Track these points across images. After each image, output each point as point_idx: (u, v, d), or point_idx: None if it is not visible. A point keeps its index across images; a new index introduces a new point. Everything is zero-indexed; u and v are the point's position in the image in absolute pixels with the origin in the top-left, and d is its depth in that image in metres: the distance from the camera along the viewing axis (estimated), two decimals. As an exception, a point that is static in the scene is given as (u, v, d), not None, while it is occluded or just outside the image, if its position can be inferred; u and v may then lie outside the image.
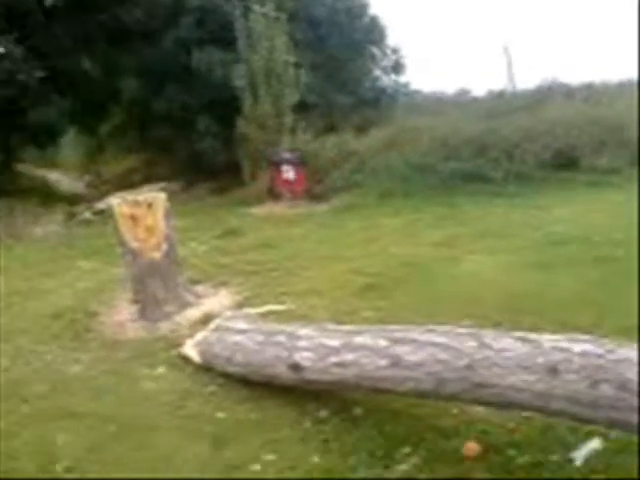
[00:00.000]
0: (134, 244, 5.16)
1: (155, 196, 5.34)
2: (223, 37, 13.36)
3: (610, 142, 11.33)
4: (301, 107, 13.16)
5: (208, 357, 4.15)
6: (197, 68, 13.73)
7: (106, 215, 9.27)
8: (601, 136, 11.42)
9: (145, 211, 5.15)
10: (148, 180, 15.77)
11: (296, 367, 3.44)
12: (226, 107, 13.24)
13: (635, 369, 2.31)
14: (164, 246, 5.22)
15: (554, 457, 2.83)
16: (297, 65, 13.00)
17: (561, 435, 2.95)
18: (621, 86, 17.00)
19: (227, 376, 3.95)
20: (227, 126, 13.40)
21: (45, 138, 18.14)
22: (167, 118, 14.93)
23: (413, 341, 2.98)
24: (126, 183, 16.07)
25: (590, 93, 15.32)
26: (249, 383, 3.81)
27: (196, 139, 14.48)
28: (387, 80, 18.30)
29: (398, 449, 3.00)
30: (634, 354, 2.36)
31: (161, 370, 4.28)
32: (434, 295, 5.30)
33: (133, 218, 5.13)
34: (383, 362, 3.03)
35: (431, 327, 3.09)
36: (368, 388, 3.24)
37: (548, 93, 15.51)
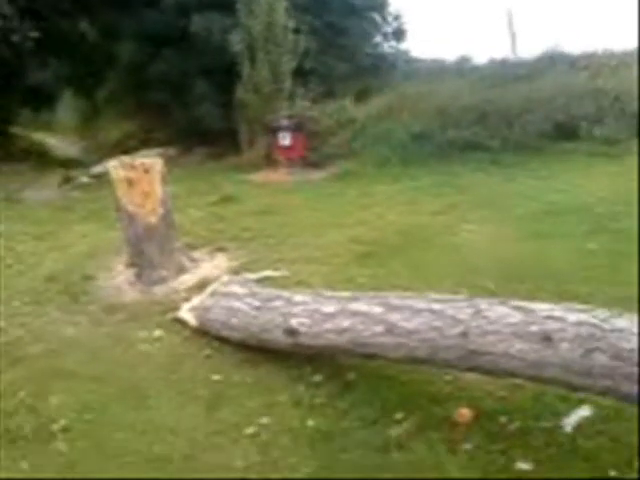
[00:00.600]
0: (130, 208, 5.15)
1: (152, 161, 5.30)
2: (222, 1, 13.15)
3: (610, 113, 11.25)
4: (300, 73, 13.04)
5: (204, 321, 4.17)
6: (196, 33, 13.55)
7: (102, 179, 9.24)
8: (602, 106, 11.34)
9: (141, 175, 5.12)
10: (145, 145, 15.67)
11: (291, 332, 3.45)
12: (224, 73, 13.10)
13: (630, 338, 2.32)
14: (160, 210, 5.21)
15: (545, 424, 2.86)
16: (296, 30, 12.84)
17: (552, 403, 2.98)
18: (625, 55, 16.83)
19: (223, 340, 3.98)
20: (225, 92, 13.27)
21: (41, 101, 17.99)
22: (164, 83, 14.77)
23: (408, 308, 2.99)
24: (123, 148, 15.93)
25: (591, 62, 15.16)
26: (244, 347, 3.83)
27: (193, 105, 14.34)
28: (387, 47, 18.14)
29: (391, 414, 3.03)
30: (628, 324, 2.37)
31: (157, 333, 4.29)
32: (430, 263, 5.31)
33: (129, 182, 5.11)
34: (378, 328, 3.04)
35: (426, 295, 3.10)
36: (362, 354, 3.25)
37: (550, 62, 15.34)
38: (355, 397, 3.23)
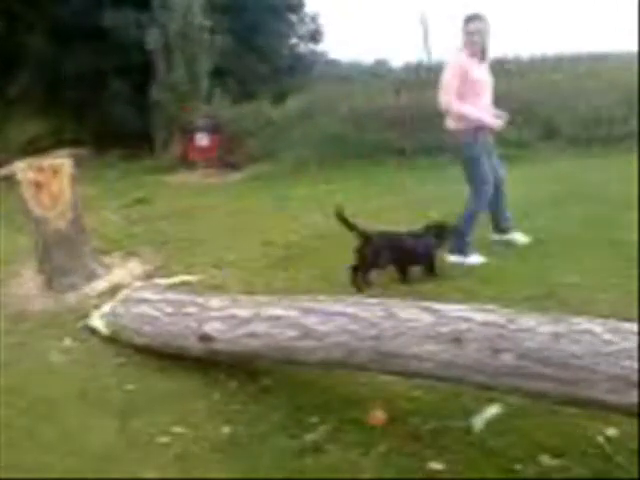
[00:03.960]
0: (38, 212, 4.98)
1: (61, 162, 5.13)
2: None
3: (521, 116, 11.64)
4: (217, 73, 12.92)
5: (116, 328, 4.06)
6: (110, 28, 13.18)
7: (11, 181, 8.87)
8: (512, 110, 11.68)
9: (50, 177, 4.95)
10: (57, 145, 15.14)
11: (206, 338, 3.40)
12: (140, 71, 12.85)
13: (534, 338, 2.39)
14: (70, 214, 5.05)
15: (457, 423, 2.91)
16: (213, 30, 12.72)
17: (464, 402, 3.04)
18: (532, 62, 17.49)
19: (136, 348, 3.88)
20: (141, 91, 13.01)
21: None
22: (78, 81, 14.31)
23: (323, 312, 2.99)
24: (34, 148, 15.36)
25: (502, 67, 15.66)
26: (158, 355, 3.75)
27: (108, 104, 13.99)
28: (305, 48, 18.20)
29: (307, 418, 3.02)
30: (534, 323, 2.44)
31: (68, 342, 4.17)
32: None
33: (37, 185, 4.94)
34: (293, 333, 3.03)
35: (341, 298, 3.11)
36: (278, 359, 3.24)
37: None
38: (271, 402, 3.21)
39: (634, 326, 2.28)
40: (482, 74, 5.31)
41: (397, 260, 4.84)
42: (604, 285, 4.49)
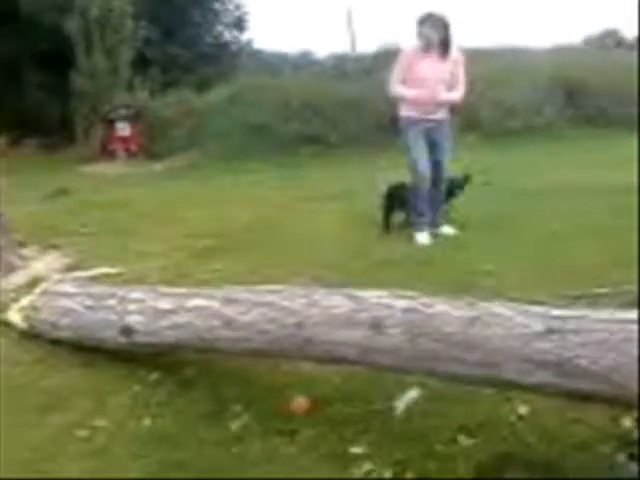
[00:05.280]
0: (-51, 204, 4.79)
1: (-27, 152, 4.96)
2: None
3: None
4: (139, 61, 12.66)
5: (34, 323, 3.94)
6: (26, 12, 12.70)
7: None
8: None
9: (-39, 168, 4.78)
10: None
11: (127, 331, 3.36)
12: (59, 58, 12.45)
13: (451, 322, 2.46)
14: (-16, 206, 4.88)
15: (378, 407, 2.97)
16: (135, 17, 12.45)
17: (385, 387, 3.10)
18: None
19: (55, 342, 3.78)
20: (60, 79, 12.61)
21: None
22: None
23: (245, 301, 3.00)
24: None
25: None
26: (79, 349, 3.66)
27: (25, 92, 13.51)
28: (229, 36, 18.02)
29: (230, 408, 3.03)
30: (449, 308, 2.51)
31: (-17, 338, 4.02)
32: (272, 256, 5.36)
33: (-52, 176, 4.75)
34: (216, 323, 3.03)
35: (264, 287, 3.12)
36: (201, 349, 3.23)
37: (387, 58, 15.92)
38: (194, 393, 3.20)
39: (543, 309, 2.39)
40: (426, 70, 5.42)
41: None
42: (516, 270, 4.73)
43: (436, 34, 5.36)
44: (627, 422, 2.71)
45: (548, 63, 14.61)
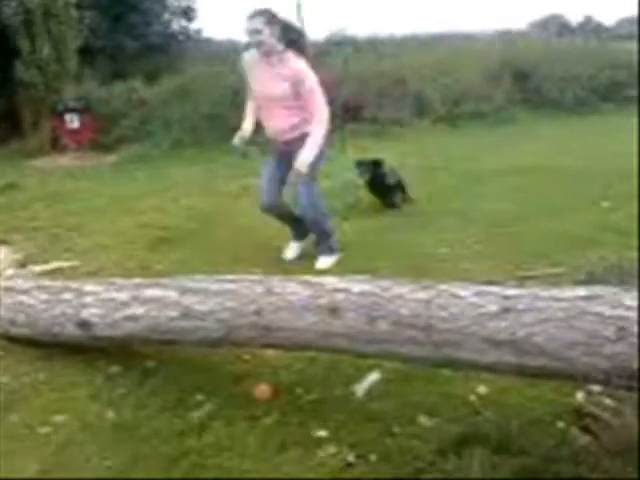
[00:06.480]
0: None
1: None
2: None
3: (393, 94, 12.05)
4: (86, 51, 12.37)
5: (-13, 320, 3.87)
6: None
7: None
8: (385, 88, 12.10)
9: None
10: None
11: (84, 324, 3.31)
12: (1, 48, 12.06)
13: (408, 305, 2.49)
14: None
15: (338, 392, 3.01)
16: (79, 6, 12.15)
17: (345, 371, 3.14)
18: (404, 40, 18.00)
19: (11, 339, 3.70)
20: (3, 70, 12.24)
21: None
22: None
23: (203, 291, 2.99)
24: None
25: (375, 46, 16.02)
26: (36, 344, 3.60)
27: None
28: (177, 25, 17.72)
29: (192, 398, 3.03)
30: (406, 290, 2.55)
31: None
32: (226, 246, 5.35)
33: None
34: (173, 313, 3.01)
35: (220, 276, 3.12)
36: (160, 340, 3.20)
37: (336, 45, 15.96)
38: (155, 385, 3.18)
39: (497, 288, 2.44)
40: (259, 82, 4.66)
41: None
42: (468, 253, 4.87)
43: (269, 36, 4.43)
44: (579, 397, 2.81)
45: (496, 48, 14.88)
